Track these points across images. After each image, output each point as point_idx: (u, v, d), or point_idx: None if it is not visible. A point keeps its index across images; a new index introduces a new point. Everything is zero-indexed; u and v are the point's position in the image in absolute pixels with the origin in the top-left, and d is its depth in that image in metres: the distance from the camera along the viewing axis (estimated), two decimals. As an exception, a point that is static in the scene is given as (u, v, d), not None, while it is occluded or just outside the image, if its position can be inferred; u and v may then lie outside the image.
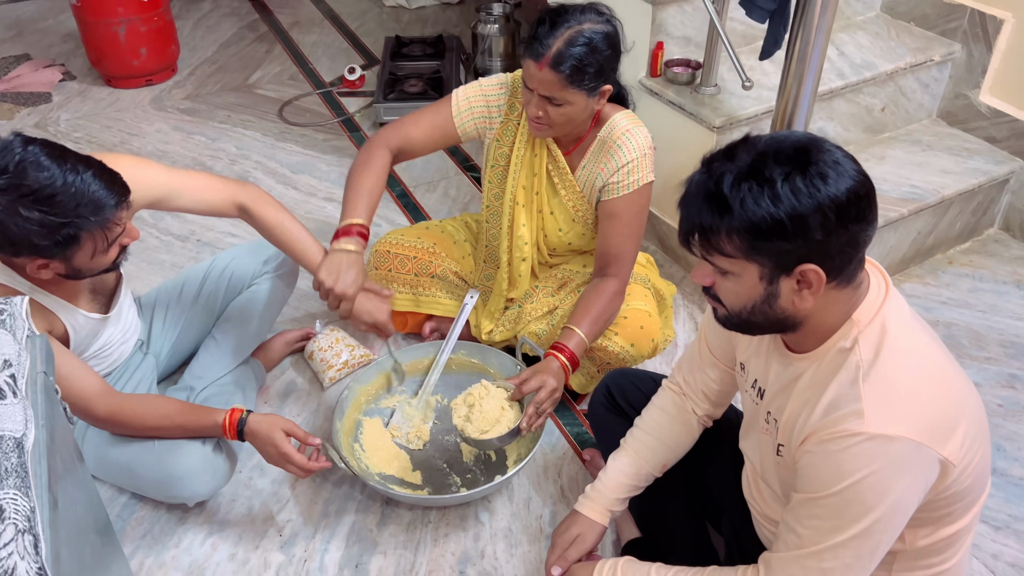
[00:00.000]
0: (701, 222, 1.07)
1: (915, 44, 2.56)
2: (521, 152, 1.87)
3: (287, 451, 1.61)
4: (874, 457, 1.04)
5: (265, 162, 3.06)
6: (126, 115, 3.40)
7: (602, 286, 1.81)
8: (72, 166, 1.38)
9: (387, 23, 4.21)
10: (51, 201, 1.36)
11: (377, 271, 2.08)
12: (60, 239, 1.39)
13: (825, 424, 1.09)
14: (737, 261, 1.07)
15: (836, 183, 1.01)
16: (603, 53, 1.64)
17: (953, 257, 2.54)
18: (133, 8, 3.38)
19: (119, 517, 1.79)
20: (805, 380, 1.16)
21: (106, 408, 1.58)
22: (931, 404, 1.07)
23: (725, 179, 1.04)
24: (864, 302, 1.11)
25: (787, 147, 1.04)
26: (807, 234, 1.01)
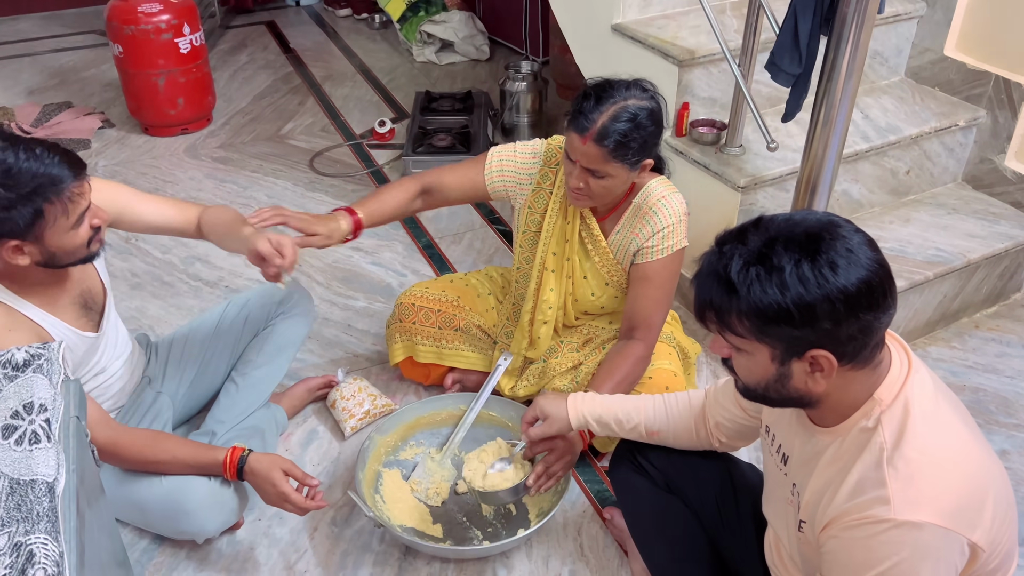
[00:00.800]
0: (712, 301, 1.08)
1: (940, 109, 2.58)
2: (553, 220, 1.90)
3: (285, 490, 1.61)
4: (903, 544, 1.02)
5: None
6: (161, 162, 3.49)
7: (627, 349, 1.81)
8: (25, 145, 1.43)
9: (417, 78, 4.31)
10: (9, 175, 1.39)
11: (402, 323, 2.10)
12: (25, 213, 1.41)
13: (850, 508, 1.07)
14: (748, 341, 1.08)
15: (847, 273, 1.00)
16: (647, 129, 1.66)
17: (979, 321, 2.52)
18: (173, 60, 3.50)
19: (138, 562, 1.79)
20: (828, 456, 1.15)
21: (105, 438, 1.57)
22: (957, 486, 1.05)
23: (734, 263, 1.04)
24: (886, 380, 1.10)
25: (799, 233, 1.04)
26: (815, 323, 1.01)
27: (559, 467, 1.67)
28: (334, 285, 2.71)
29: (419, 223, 3.04)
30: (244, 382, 2.01)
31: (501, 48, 4.58)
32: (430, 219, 3.07)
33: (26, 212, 1.41)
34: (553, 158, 1.89)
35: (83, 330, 1.67)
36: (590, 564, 1.80)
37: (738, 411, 1.45)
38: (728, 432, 1.49)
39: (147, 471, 1.68)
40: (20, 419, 1.05)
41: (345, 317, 2.56)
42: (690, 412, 1.53)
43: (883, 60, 2.72)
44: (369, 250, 2.89)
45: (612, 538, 1.86)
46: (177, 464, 1.66)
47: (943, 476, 1.05)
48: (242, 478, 1.65)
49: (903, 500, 1.03)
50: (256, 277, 2.74)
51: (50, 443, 1.03)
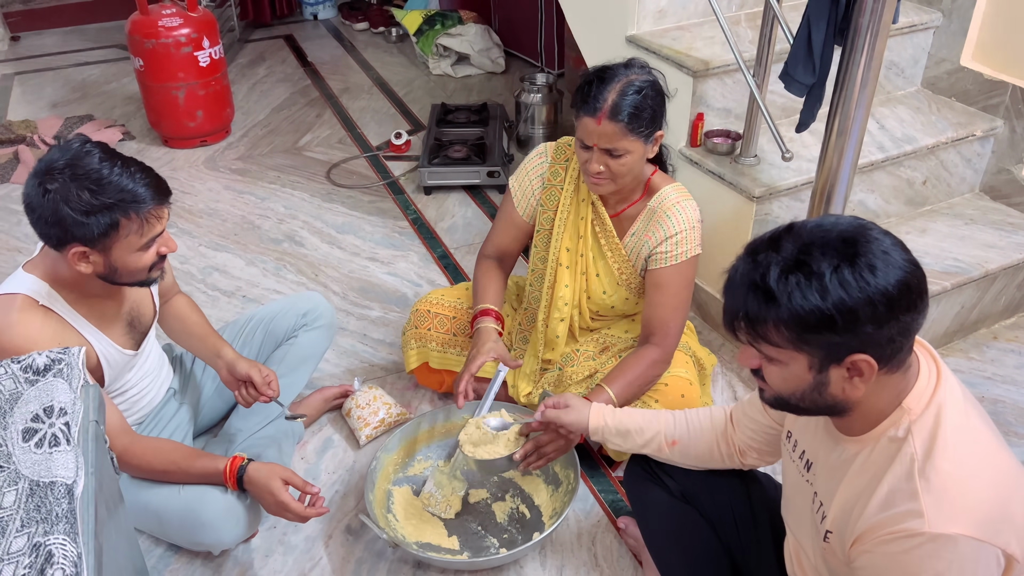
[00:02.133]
0: (747, 312, 1.06)
1: (956, 119, 2.57)
2: (565, 216, 1.91)
3: (284, 499, 1.63)
4: (938, 558, 1.02)
5: (312, 222, 3.14)
6: (180, 174, 3.53)
7: (643, 352, 1.82)
8: (121, 163, 1.50)
9: (434, 91, 4.35)
10: (99, 184, 1.45)
11: (417, 329, 2.11)
12: (102, 222, 1.46)
13: (882, 521, 1.06)
14: (785, 351, 1.06)
15: (886, 275, 0.99)
16: (654, 99, 1.70)
17: (998, 332, 2.50)
18: (193, 73, 3.55)
19: (154, 569, 1.81)
20: (856, 466, 1.14)
21: (120, 447, 1.61)
22: (989, 496, 1.04)
23: (771, 271, 1.02)
24: (915, 388, 1.09)
25: (834, 237, 1.02)
26: (857, 327, 1.00)
27: (551, 449, 1.68)
28: (350, 295, 2.73)
29: (435, 234, 3.06)
30: None
31: (516, 60, 4.61)
32: (445, 230, 3.08)
33: (103, 221, 1.46)
34: (562, 154, 1.91)
35: (124, 347, 1.71)
36: (604, 574, 1.79)
37: (766, 420, 1.44)
38: (760, 448, 1.48)
39: (154, 480, 1.71)
40: (40, 422, 1.07)
41: (361, 327, 2.58)
42: (712, 427, 1.52)
43: (899, 71, 2.71)
44: (385, 260, 2.91)
45: (626, 548, 1.85)
46: (182, 474, 1.68)
47: (975, 487, 1.04)
48: (242, 488, 1.66)
49: (937, 513, 1.02)
50: (275, 288, 2.77)
51: (69, 446, 1.04)
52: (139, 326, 1.76)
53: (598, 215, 1.89)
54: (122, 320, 1.71)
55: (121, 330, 1.70)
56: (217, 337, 1.92)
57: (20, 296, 1.52)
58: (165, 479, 1.69)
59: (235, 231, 3.10)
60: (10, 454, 1.04)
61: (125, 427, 1.65)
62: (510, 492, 1.95)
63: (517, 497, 1.94)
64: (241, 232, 3.09)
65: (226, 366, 1.86)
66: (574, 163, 1.91)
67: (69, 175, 1.45)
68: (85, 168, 1.46)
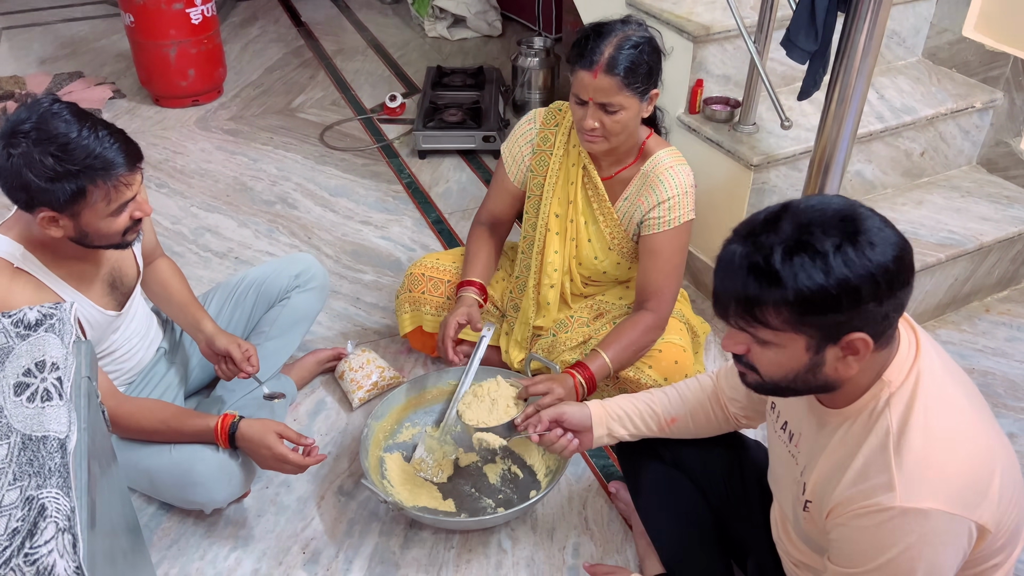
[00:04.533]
0: (746, 295, 1.04)
1: (956, 90, 2.55)
2: (554, 180, 1.90)
3: (282, 451, 1.63)
4: (909, 531, 1.03)
5: (304, 184, 3.12)
6: (172, 133, 3.49)
7: (638, 317, 1.82)
8: (91, 125, 1.45)
9: (429, 53, 4.29)
10: (65, 149, 1.41)
11: (411, 293, 2.10)
12: (68, 188, 1.42)
13: (855, 495, 1.07)
14: (783, 333, 1.05)
15: (884, 251, 0.99)
16: (651, 55, 1.69)
17: (990, 305, 2.51)
18: (184, 31, 3.48)
19: (147, 527, 1.81)
20: (837, 438, 1.14)
21: (107, 409, 1.59)
22: (963, 469, 1.04)
23: (775, 252, 1.01)
24: (895, 360, 1.10)
25: (831, 216, 1.01)
26: (858, 304, 1.00)
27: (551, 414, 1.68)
28: (343, 259, 2.71)
29: (429, 198, 3.04)
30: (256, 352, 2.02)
31: (513, 24, 4.55)
32: (440, 195, 3.06)
33: (68, 187, 1.42)
34: (552, 119, 1.89)
35: (107, 308, 1.69)
36: (594, 537, 1.81)
37: (743, 392, 1.45)
38: (747, 413, 1.49)
39: (144, 440, 1.70)
40: (32, 377, 1.06)
41: (354, 290, 2.57)
42: (703, 393, 1.53)
43: (900, 40, 2.69)
44: (379, 224, 2.89)
45: (617, 512, 1.87)
46: (172, 433, 1.68)
47: (948, 460, 1.04)
48: (234, 445, 1.66)
49: (908, 488, 1.03)
50: (267, 250, 2.75)
51: (62, 401, 1.03)
52: (121, 287, 1.73)
53: (590, 178, 1.88)
54: (102, 281, 1.68)
55: (102, 291, 1.68)
56: (198, 307, 1.89)
57: None
58: (155, 439, 1.69)
59: (227, 192, 3.07)
60: (1, 408, 1.03)
61: (111, 389, 1.64)
62: (500, 454, 1.96)
63: (508, 459, 1.95)
64: (233, 193, 3.06)
65: (205, 340, 1.85)
66: (564, 128, 1.89)
67: (34, 138, 1.40)
68: (51, 131, 1.41)
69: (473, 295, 1.93)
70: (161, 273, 1.91)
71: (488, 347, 2.09)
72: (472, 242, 2.03)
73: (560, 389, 1.71)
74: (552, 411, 1.56)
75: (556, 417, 1.56)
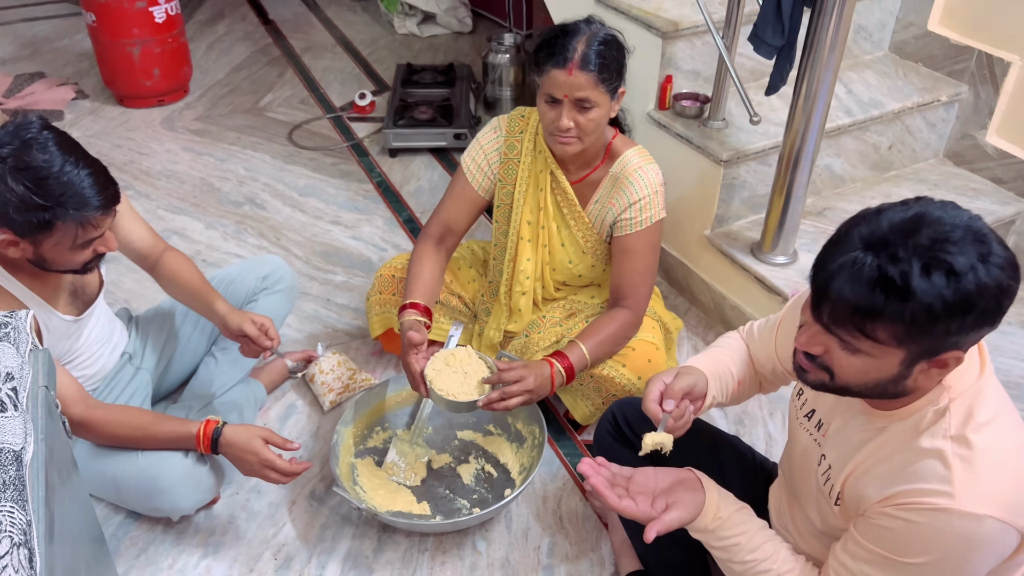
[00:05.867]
0: (868, 307, 0.99)
1: (923, 84, 2.58)
2: (524, 188, 1.88)
3: (269, 457, 1.59)
4: (960, 536, 1.03)
5: (273, 184, 3.08)
6: (137, 134, 3.43)
7: (614, 313, 1.82)
8: (74, 160, 1.41)
9: (399, 50, 4.26)
10: (40, 182, 1.37)
11: (381, 295, 2.08)
12: (35, 220, 1.39)
13: (909, 492, 1.06)
14: (883, 347, 1.02)
15: (1011, 272, 0.98)
16: (619, 50, 1.70)
17: (958, 297, 2.53)
18: (148, 29, 3.43)
19: (114, 536, 1.78)
20: (884, 437, 1.13)
21: (79, 414, 1.56)
22: (1019, 482, 1.04)
23: (914, 268, 0.96)
24: (958, 368, 1.07)
25: (964, 232, 0.97)
26: (973, 325, 0.98)
27: (516, 400, 1.68)
28: (313, 259, 2.68)
29: (400, 197, 3.01)
30: (224, 357, 1.99)
31: (484, 20, 4.53)
32: (411, 194, 3.04)
33: (35, 219, 1.39)
34: (516, 126, 1.88)
35: (66, 314, 1.65)
36: (569, 536, 1.80)
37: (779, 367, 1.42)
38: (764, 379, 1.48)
39: (122, 447, 1.66)
40: (-14, 387, 1.03)
41: (324, 292, 2.54)
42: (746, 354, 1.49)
43: (867, 35, 2.71)
44: (349, 224, 2.86)
45: (592, 511, 1.86)
46: (150, 440, 1.64)
47: (1007, 469, 1.04)
48: (216, 451, 1.63)
49: (966, 492, 1.02)
50: (235, 251, 2.71)
51: (17, 412, 1.00)
52: (83, 295, 1.70)
53: (559, 184, 1.87)
54: (64, 290, 1.65)
55: (64, 299, 1.65)
56: (209, 291, 1.83)
57: None
58: (132, 446, 1.65)
59: (194, 193, 3.02)
60: (-46, 420, 1.00)
61: (83, 395, 1.60)
62: (473, 454, 1.95)
63: (481, 458, 1.94)
64: (200, 194, 3.02)
65: (220, 322, 1.80)
66: (530, 133, 1.87)
67: (11, 164, 1.36)
68: (30, 161, 1.37)
69: (418, 318, 1.81)
70: (169, 267, 1.85)
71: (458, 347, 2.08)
72: (415, 261, 1.92)
73: (531, 380, 1.69)
74: (684, 383, 1.38)
75: (689, 388, 1.38)
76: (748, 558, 1.24)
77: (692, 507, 1.24)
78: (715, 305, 2.42)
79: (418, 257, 1.92)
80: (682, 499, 1.25)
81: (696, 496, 1.25)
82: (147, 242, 1.84)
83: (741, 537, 1.24)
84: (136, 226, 1.82)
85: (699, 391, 1.39)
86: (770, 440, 2.04)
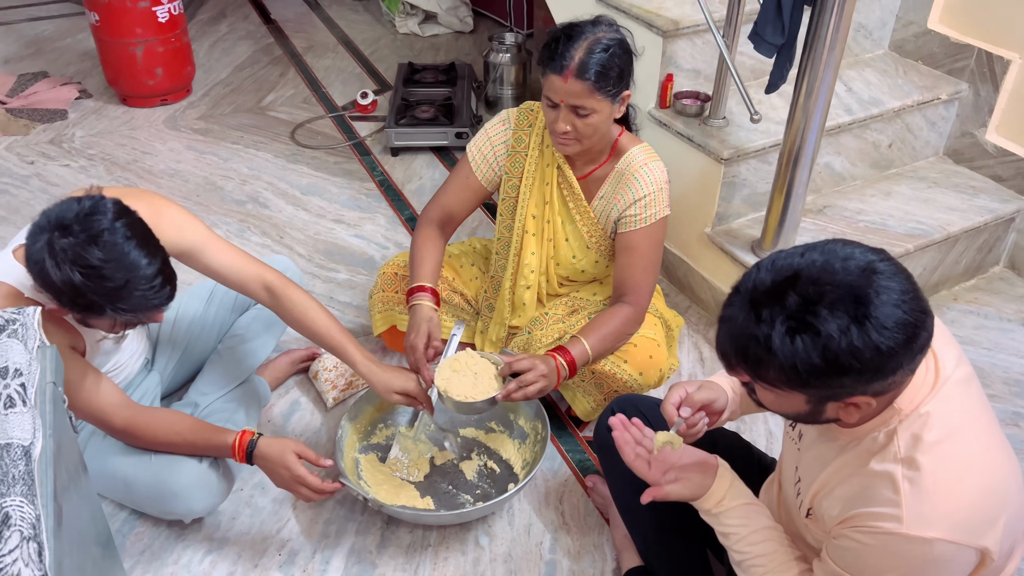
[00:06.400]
0: (746, 357, 1.03)
1: (922, 82, 2.58)
2: (530, 182, 1.89)
3: (301, 473, 1.61)
4: (912, 556, 1.04)
5: (276, 183, 3.09)
6: (140, 133, 3.44)
7: (616, 309, 1.83)
8: (138, 257, 1.37)
9: (400, 49, 4.27)
10: (98, 280, 1.34)
11: (384, 293, 2.09)
12: (84, 305, 1.38)
13: (862, 515, 1.08)
14: (782, 390, 1.05)
15: (893, 335, 0.96)
16: (622, 57, 1.68)
17: (958, 294, 2.55)
18: (151, 29, 3.44)
19: (119, 532, 1.79)
20: (844, 457, 1.14)
21: (122, 420, 1.60)
22: (973, 502, 1.04)
23: (776, 332, 0.98)
24: (909, 387, 1.08)
25: (843, 291, 0.97)
26: (861, 379, 0.99)
27: (533, 389, 1.70)
28: (316, 257, 2.69)
29: (402, 196, 3.03)
30: (231, 355, 2.00)
31: (485, 20, 4.54)
32: (413, 192, 3.05)
33: (86, 305, 1.38)
34: (525, 120, 1.89)
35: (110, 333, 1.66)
36: (571, 532, 1.81)
37: None
38: None
39: (159, 451, 1.68)
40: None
41: (327, 289, 2.55)
42: None
43: (867, 33, 2.72)
44: (351, 223, 2.87)
45: (593, 506, 1.87)
46: (187, 446, 1.66)
47: (958, 491, 1.04)
48: (251, 462, 1.64)
49: (914, 516, 1.03)
50: (237, 249, 2.72)
51: (25, 407, 1.02)
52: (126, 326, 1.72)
53: (565, 178, 1.88)
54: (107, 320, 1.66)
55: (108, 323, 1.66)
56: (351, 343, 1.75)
57: (5, 286, 1.45)
58: (168, 450, 1.67)
59: (197, 192, 3.04)
60: (-36, 416, 1.01)
61: (126, 401, 1.63)
62: (475, 451, 1.96)
63: (484, 454, 1.95)
64: (204, 193, 3.03)
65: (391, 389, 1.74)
66: (538, 128, 1.88)
67: (72, 256, 1.32)
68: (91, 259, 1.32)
69: (428, 303, 1.84)
70: (295, 310, 1.75)
71: (461, 344, 2.10)
72: (420, 244, 1.93)
73: (543, 366, 1.71)
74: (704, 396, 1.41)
75: (708, 403, 1.41)
76: (745, 550, 1.26)
77: (696, 488, 1.28)
78: (716, 303, 2.43)
79: (423, 240, 1.94)
80: (691, 478, 1.29)
81: (705, 479, 1.28)
82: (242, 273, 1.74)
83: (742, 529, 1.26)
84: (222, 257, 1.72)
85: (717, 407, 1.42)
86: (771, 436, 2.05)
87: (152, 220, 1.48)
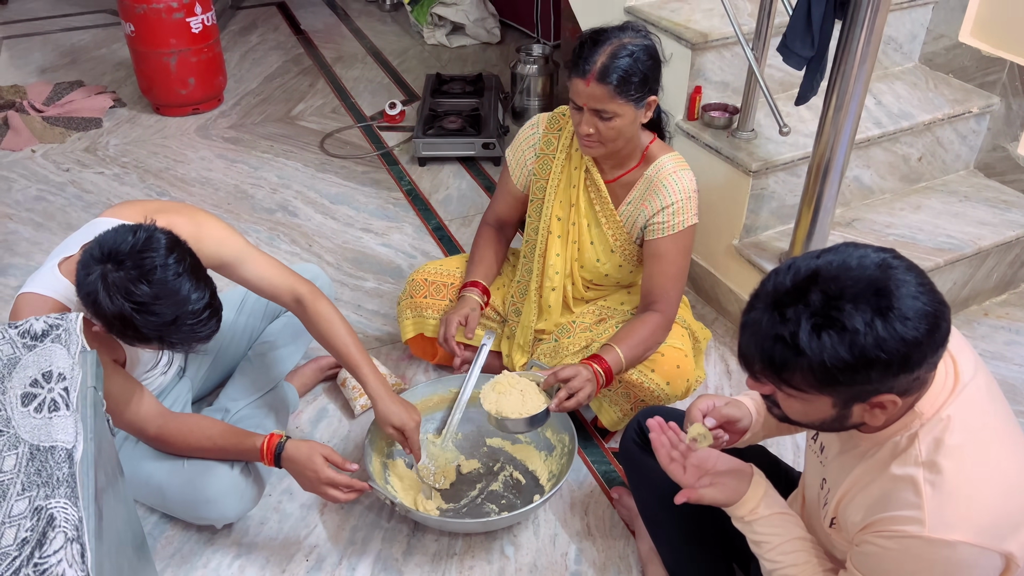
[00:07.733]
0: (772, 360, 1.03)
1: (953, 96, 2.57)
2: (556, 184, 1.92)
3: (329, 475, 1.62)
4: (935, 561, 1.04)
5: (305, 192, 3.13)
6: (172, 142, 3.50)
7: (646, 317, 1.84)
8: (188, 293, 1.39)
9: (428, 60, 4.31)
10: (148, 313, 1.36)
11: (413, 299, 2.11)
12: (133, 335, 1.40)
13: (884, 520, 1.08)
14: (808, 393, 1.05)
15: (917, 324, 0.97)
16: (646, 63, 1.69)
17: (989, 309, 2.52)
18: (185, 40, 3.50)
19: (150, 535, 1.82)
20: (866, 462, 1.14)
21: (156, 428, 1.63)
22: (996, 504, 1.04)
23: (803, 329, 0.99)
24: (929, 391, 1.08)
25: (863, 287, 0.99)
26: (888, 375, 1.00)
27: (584, 396, 1.73)
28: (344, 266, 2.72)
29: (429, 205, 3.05)
30: (261, 362, 2.03)
31: (512, 31, 4.57)
32: (440, 202, 3.07)
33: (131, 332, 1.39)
34: (555, 124, 1.92)
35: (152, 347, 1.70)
36: (597, 543, 1.81)
37: None
38: None
39: (190, 456, 1.71)
40: (39, 387, 1.07)
41: (355, 297, 2.57)
42: None
43: (897, 46, 2.70)
44: (379, 232, 2.90)
45: (619, 518, 1.87)
46: (218, 451, 1.68)
47: (980, 493, 1.04)
48: (279, 465, 1.66)
49: (936, 519, 1.03)
50: (267, 257, 2.75)
51: (68, 411, 1.04)
52: None
53: (593, 182, 1.90)
54: None
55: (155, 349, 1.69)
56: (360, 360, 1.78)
57: (52, 301, 1.47)
58: (199, 455, 1.70)
59: (228, 200, 3.08)
60: (9, 418, 1.04)
61: (160, 409, 1.66)
62: (501, 461, 1.97)
63: (510, 465, 1.96)
64: (234, 201, 3.07)
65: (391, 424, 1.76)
66: (567, 132, 1.91)
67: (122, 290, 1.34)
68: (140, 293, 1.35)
69: (476, 297, 1.98)
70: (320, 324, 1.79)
71: (490, 353, 2.11)
72: (479, 243, 2.09)
73: (586, 372, 1.74)
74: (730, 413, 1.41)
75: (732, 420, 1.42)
76: (778, 559, 1.26)
77: (731, 494, 1.28)
78: (743, 315, 2.43)
79: (481, 241, 2.09)
80: (726, 483, 1.29)
81: (740, 485, 1.28)
82: (275, 284, 1.77)
83: (775, 538, 1.26)
84: (258, 268, 1.75)
85: (740, 427, 1.42)
86: (797, 451, 2.04)
87: (193, 234, 1.51)
